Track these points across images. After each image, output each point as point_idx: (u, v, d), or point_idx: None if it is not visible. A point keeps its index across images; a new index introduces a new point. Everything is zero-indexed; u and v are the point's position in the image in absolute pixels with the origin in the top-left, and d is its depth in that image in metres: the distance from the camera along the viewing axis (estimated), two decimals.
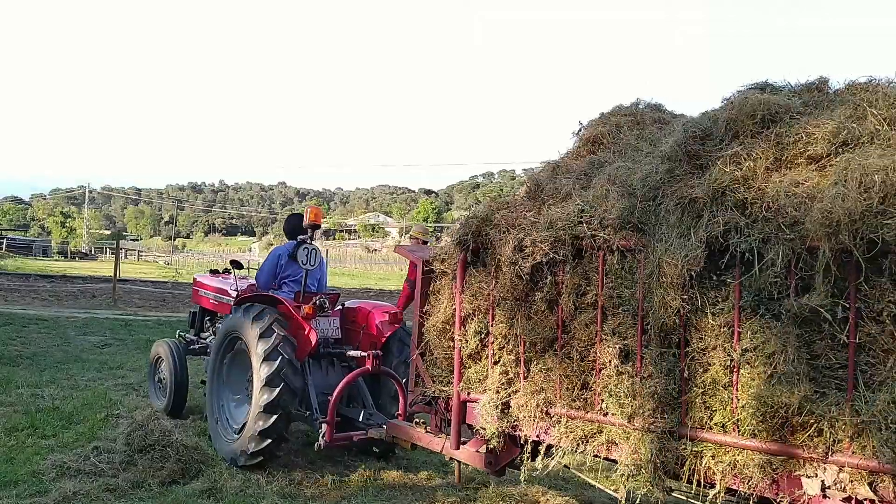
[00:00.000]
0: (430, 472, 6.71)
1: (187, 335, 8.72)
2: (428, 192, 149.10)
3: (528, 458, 4.47)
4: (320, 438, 6.37)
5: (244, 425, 6.49)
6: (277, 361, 6.16)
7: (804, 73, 4.12)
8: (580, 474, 4.82)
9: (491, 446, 4.66)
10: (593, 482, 4.55)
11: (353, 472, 6.50)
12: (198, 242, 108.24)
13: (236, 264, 8.11)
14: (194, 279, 9.03)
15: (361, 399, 7.00)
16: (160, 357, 8.27)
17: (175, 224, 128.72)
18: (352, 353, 6.84)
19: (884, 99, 3.57)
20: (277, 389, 6.16)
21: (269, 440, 6.25)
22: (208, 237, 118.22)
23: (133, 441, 6.19)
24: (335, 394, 6.38)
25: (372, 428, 6.46)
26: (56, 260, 57.24)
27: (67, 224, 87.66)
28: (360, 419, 6.72)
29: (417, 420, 5.65)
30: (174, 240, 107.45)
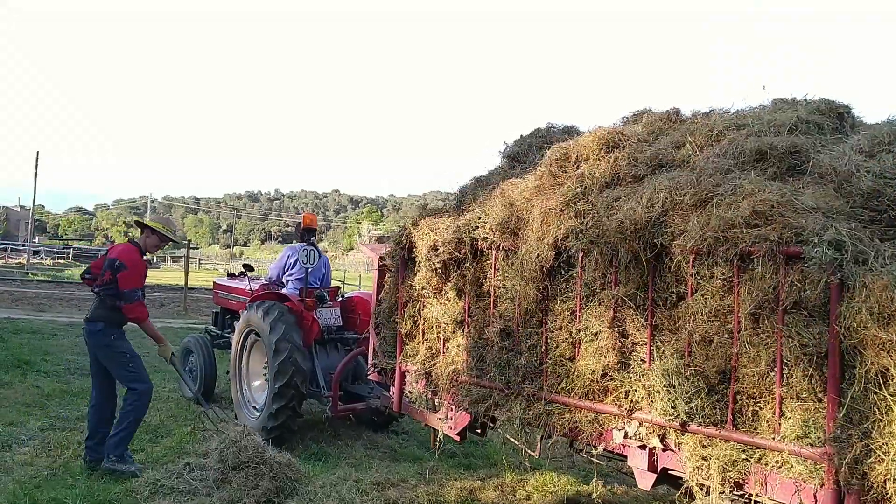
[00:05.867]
0: (528, 490, 6.45)
1: (213, 330, 9.93)
2: None
3: (441, 419, 5.45)
4: (328, 410, 7.56)
5: (263, 405, 7.71)
6: (286, 351, 7.26)
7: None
8: None
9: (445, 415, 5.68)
10: None
11: (448, 491, 6.24)
12: (255, 250, 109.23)
13: (248, 268, 9.46)
14: (214, 283, 10.32)
15: (364, 376, 8.10)
16: (190, 350, 9.56)
17: (233, 232, 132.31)
18: (352, 336, 7.99)
19: (702, 129, 4.38)
20: (288, 374, 7.24)
21: (284, 417, 7.35)
22: (265, 244, 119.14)
23: (226, 458, 5.96)
24: (336, 372, 7.55)
25: (370, 399, 7.59)
26: None
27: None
28: (366, 393, 7.85)
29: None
30: (232, 247, 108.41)
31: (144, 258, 6.48)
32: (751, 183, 3.67)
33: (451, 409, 5.50)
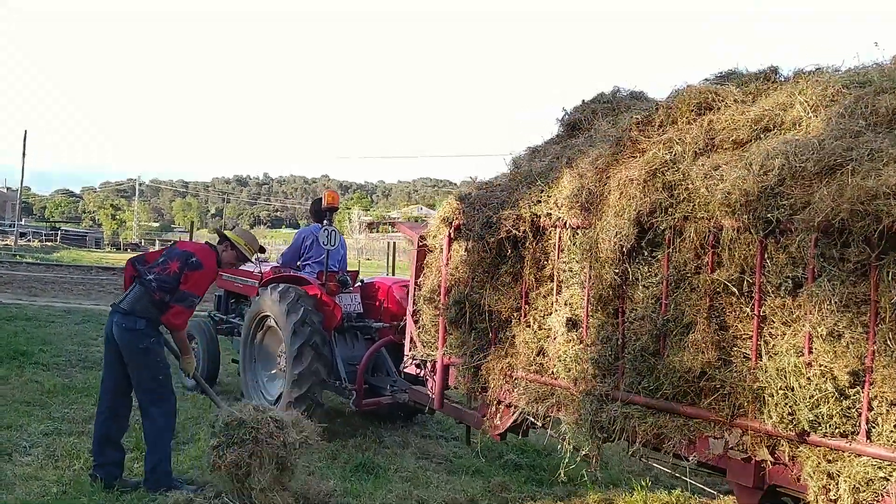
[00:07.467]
0: (598, 494, 5.63)
1: (216, 315, 9.18)
2: None
3: (492, 417, 4.85)
4: (351, 404, 6.92)
5: (279, 397, 7.06)
6: (306, 333, 6.65)
7: None
8: None
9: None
10: None
11: (509, 494, 5.50)
12: None
13: (260, 249, 8.76)
14: None
15: (386, 368, 7.48)
16: (192, 335, 8.84)
17: (222, 216, 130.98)
18: (376, 325, 7.35)
19: (813, 87, 3.76)
20: (308, 359, 6.64)
21: (304, 407, 6.62)
22: (254, 229, 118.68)
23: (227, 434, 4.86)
24: (363, 362, 6.92)
25: (397, 393, 6.98)
26: (109, 252, 57.33)
27: (118, 216, 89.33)
28: (387, 386, 7.22)
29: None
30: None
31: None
32: (895, 146, 3.07)
33: (495, 408, 4.91)
